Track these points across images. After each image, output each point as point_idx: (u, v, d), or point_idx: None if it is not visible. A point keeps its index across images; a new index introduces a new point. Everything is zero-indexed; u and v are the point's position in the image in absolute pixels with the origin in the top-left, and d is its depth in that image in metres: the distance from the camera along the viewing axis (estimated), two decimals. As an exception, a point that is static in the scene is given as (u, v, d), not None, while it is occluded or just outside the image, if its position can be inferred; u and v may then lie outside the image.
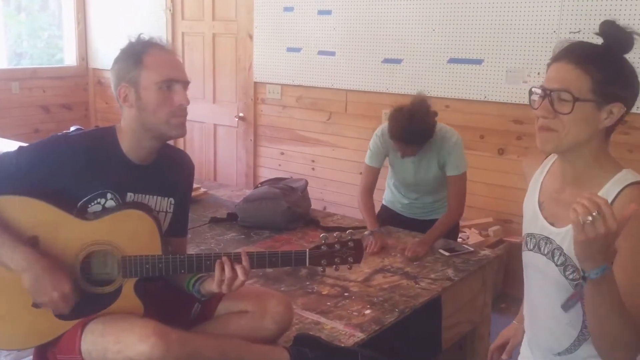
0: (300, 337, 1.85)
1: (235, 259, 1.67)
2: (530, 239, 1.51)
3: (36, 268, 1.56)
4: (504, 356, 1.75)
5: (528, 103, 1.45)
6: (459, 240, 3.55)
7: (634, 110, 1.42)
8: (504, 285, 3.68)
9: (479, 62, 3.71)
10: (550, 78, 1.38)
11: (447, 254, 2.62)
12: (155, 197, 1.80)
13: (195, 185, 3.44)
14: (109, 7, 5.67)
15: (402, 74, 4.02)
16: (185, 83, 1.74)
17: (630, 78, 1.37)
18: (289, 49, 4.55)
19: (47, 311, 1.64)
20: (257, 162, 4.98)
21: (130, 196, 1.75)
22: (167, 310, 1.73)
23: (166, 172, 1.83)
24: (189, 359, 1.57)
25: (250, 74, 4.83)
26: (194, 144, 5.38)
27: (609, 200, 1.32)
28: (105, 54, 5.70)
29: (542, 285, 1.49)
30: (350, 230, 1.83)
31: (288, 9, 4.51)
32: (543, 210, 1.49)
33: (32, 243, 1.62)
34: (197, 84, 5.24)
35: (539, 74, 3.46)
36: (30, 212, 1.63)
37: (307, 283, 2.32)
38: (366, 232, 2.73)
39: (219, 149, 5.25)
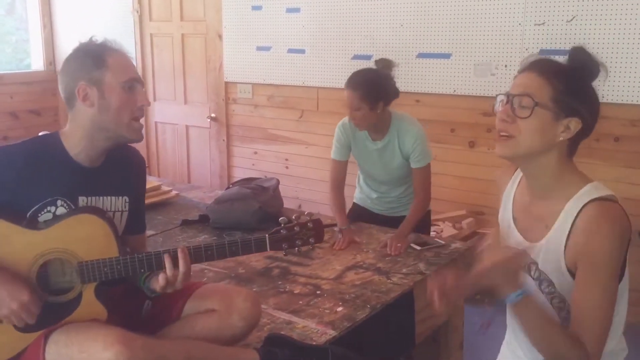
0: (271, 337, 1.84)
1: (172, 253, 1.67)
2: None
3: None
4: None
5: (494, 105, 1.47)
6: (433, 233, 3.58)
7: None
8: (479, 277, 3.71)
9: (447, 56, 3.73)
10: (515, 85, 1.42)
11: (418, 247, 2.63)
12: (109, 197, 1.79)
13: (166, 188, 3.43)
14: (75, 10, 5.59)
15: (372, 70, 4.02)
16: (143, 84, 1.78)
17: (590, 97, 1.41)
18: (259, 48, 4.54)
19: (5, 325, 1.61)
20: (230, 162, 4.96)
21: (82, 200, 1.73)
22: (125, 313, 1.72)
23: (117, 171, 1.82)
24: None
25: (220, 73, 4.81)
26: (167, 146, 5.34)
27: (572, 217, 1.37)
28: (74, 58, 5.62)
29: None
30: (308, 212, 1.83)
31: (256, 8, 4.49)
32: (517, 225, 1.53)
33: None
34: (167, 86, 5.21)
35: (506, 66, 3.50)
36: None
37: (279, 282, 2.32)
38: (335, 229, 2.74)
39: (192, 151, 5.22)
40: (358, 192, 3.15)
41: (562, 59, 1.45)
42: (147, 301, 1.79)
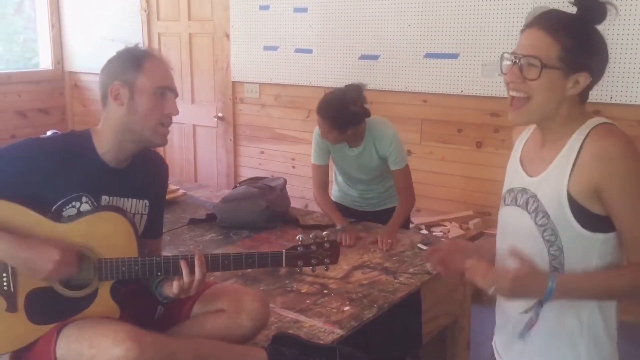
0: (278, 336, 1.85)
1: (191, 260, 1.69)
2: (509, 194, 1.54)
3: (19, 252, 1.57)
4: None
5: (505, 95, 1.47)
6: (439, 233, 3.58)
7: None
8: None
9: (454, 56, 3.73)
10: (521, 44, 1.41)
11: (425, 248, 2.63)
12: (130, 199, 1.80)
13: (174, 187, 3.44)
14: (83, 9, 5.62)
15: (380, 70, 4.03)
16: (176, 94, 1.80)
17: (599, 49, 1.40)
18: (266, 48, 4.54)
19: (20, 315, 1.63)
20: (237, 161, 4.97)
21: (105, 199, 1.75)
22: (136, 312, 1.73)
23: (141, 174, 1.83)
24: None
25: (228, 73, 4.82)
26: (174, 146, 5.35)
27: (579, 143, 1.38)
28: (81, 57, 5.65)
29: (515, 238, 1.50)
30: (326, 232, 1.86)
31: (264, 7, 4.49)
32: (523, 165, 1.52)
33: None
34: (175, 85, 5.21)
35: (513, 66, 3.49)
36: (3, 214, 1.61)
37: (286, 282, 2.32)
38: (338, 227, 2.75)
39: (198, 150, 5.23)
40: (336, 191, 3.18)
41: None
42: (159, 307, 1.80)
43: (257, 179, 3.28)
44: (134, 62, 1.73)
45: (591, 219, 1.37)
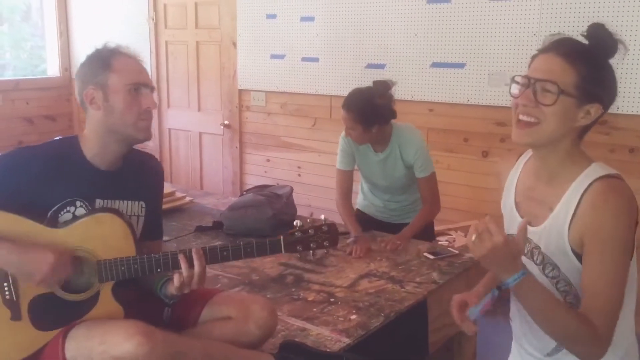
0: (285, 344, 1.85)
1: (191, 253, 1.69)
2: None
3: (14, 257, 1.58)
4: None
5: (508, 104, 1.46)
6: (445, 243, 3.57)
7: (613, 110, 1.43)
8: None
9: (461, 65, 3.74)
10: (535, 68, 1.38)
11: (432, 257, 2.63)
12: (125, 202, 1.81)
13: (180, 194, 3.44)
14: (91, 17, 5.65)
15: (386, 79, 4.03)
16: (152, 88, 1.78)
17: (611, 81, 1.39)
18: (273, 56, 4.56)
19: (24, 324, 1.64)
20: (243, 169, 4.98)
21: (99, 203, 1.75)
22: (143, 317, 1.74)
23: (134, 176, 1.84)
24: (175, 358, 1.57)
25: (234, 81, 4.83)
26: (180, 153, 5.37)
27: (579, 195, 1.35)
28: (89, 64, 5.66)
29: None
30: (323, 216, 1.84)
31: (271, 16, 4.51)
32: (519, 210, 1.50)
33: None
34: (181, 93, 5.24)
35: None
36: (1, 225, 1.62)
37: (293, 290, 2.32)
38: (350, 238, 2.74)
39: (204, 157, 5.24)
40: (361, 199, 3.16)
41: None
42: (166, 308, 1.80)
43: (264, 187, 3.29)
44: (102, 63, 1.73)
45: None
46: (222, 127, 5.00)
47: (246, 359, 1.73)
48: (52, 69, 5.93)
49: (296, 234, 1.78)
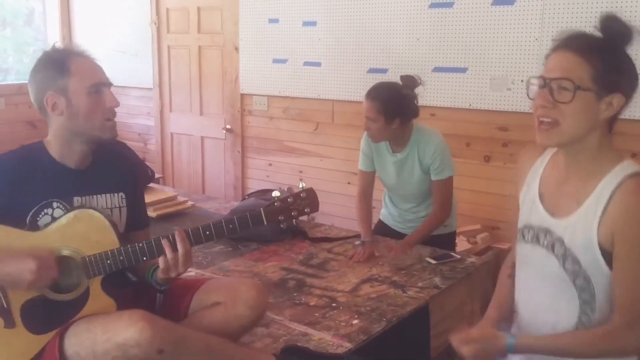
0: (288, 348, 1.85)
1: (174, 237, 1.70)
2: (528, 230, 1.50)
3: None
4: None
5: (514, 109, 1.47)
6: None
7: (627, 116, 1.42)
8: (493, 292, 3.69)
9: (463, 70, 3.74)
10: (549, 67, 1.37)
11: (434, 262, 2.63)
12: (104, 195, 1.82)
13: (182, 199, 3.45)
14: (94, 21, 5.67)
15: (388, 84, 4.03)
16: (110, 85, 1.78)
17: (629, 69, 1.38)
18: (275, 61, 4.57)
19: (20, 329, 1.63)
20: (245, 173, 4.98)
21: (77, 200, 1.76)
22: (136, 308, 1.75)
23: (107, 168, 1.85)
24: (176, 345, 1.58)
25: (236, 85, 4.84)
26: (182, 157, 5.38)
27: (610, 192, 1.34)
28: (92, 68, 5.67)
29: (542, 282, 1.48)
30: (302, 184, 1.84)
31: (273, 21, 4.52)
32: (543, 201, 1.48)
33: None
34: (183, 97, 5.25)
35: (522, 81, 3.49)
36: None
37: (295, 294, 2.32)
38: (357, 242, 2.74)
39: (206, 162, 5.25)
40: (383, 209, 3.14)
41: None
42: (158, 295, 1.81)
43: (266, 191, 3.29)
44: (58, 67, 1.72)
45: None
46: (224, 131, 5.01)
47: (247, 356, 1.73)
48: (55, 73, 5.93)
49: (276, 204, 1.77)
